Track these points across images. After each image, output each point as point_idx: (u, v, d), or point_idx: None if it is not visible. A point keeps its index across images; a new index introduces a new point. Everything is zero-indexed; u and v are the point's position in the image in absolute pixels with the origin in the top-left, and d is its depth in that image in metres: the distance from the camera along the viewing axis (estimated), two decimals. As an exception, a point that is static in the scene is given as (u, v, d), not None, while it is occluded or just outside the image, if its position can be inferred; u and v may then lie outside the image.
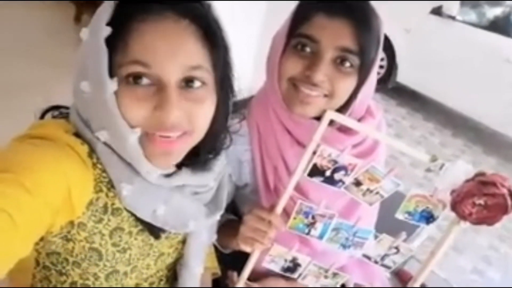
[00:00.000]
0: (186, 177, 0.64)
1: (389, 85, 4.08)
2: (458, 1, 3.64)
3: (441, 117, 4.05)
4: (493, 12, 3.84)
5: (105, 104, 0.53)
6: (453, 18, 3.66)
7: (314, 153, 0.72)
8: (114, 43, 0.53)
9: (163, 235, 0.68)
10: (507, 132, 3.55)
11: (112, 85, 0.52)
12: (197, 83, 0.57)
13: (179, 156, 0.61)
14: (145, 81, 0.54)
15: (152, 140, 0.56)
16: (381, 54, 0.82)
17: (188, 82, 0.57)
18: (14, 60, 2.78)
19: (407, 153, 0.72)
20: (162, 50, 0.53)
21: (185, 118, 0.57)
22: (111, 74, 0.53)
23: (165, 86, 0.54)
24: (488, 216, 0.68)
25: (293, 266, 0.87)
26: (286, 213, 0.80)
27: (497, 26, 3.67)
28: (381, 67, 4.01)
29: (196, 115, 0.58)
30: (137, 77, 0.54)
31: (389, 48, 3.86)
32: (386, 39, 3.89)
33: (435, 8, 3.73)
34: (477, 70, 3.53)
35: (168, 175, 0.62)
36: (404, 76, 3.98)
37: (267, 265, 0.87)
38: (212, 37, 0.58)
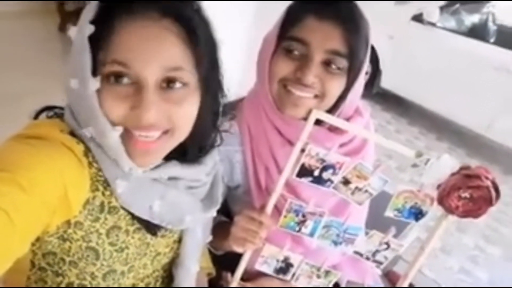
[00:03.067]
0: (175, 169, 0.64)
1: (373, 91, 4.14)
2: (438, 9, 3.73)
3: (425, 122, 4.11)
4: (471, 19, 3.95)
5: (88, 101, 0.54)
6: (433, 24, 3.75)
7: (304, 151, 0.74)
8: (98, 41, 0.53)
9: (159, 234, 0.69)
10: (489, 135, 3.63)
11: (94, 83, 0.53)
12: (177, 84, 0.57)
13: (159, 156, 0.61)
14: (125, 80, 0.54)
15: (132, 140, 0.57)
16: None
17: (168, 82, 0.57)
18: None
19: (393, 149, 0.74)
20: (141, 50, 0.53)
21: (164, 118, 0.57)
22: (95, 72, 0.53)
23: (143, 86, 0.54)
24: (473, 208, 0.70)
25: (286, 266, 0.88)
26: (279, 212, 0.81)
27: (475, 32, 3.77)
28: (365, 73, 4.05)
29: (175, 115, 0.58)
30: (117, 76, 0.54)
31: (372, 54, 3.91)
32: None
33: (416, 15, 3.81)
34: (458, 75, 3.60)
35: (154, 167, 0.62)
36: (388, 81, 4.05)
37: (260, 267, 0.87)
38: (195, 37, 0.57)
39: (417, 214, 0.79)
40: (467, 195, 0.69)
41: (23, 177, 0.48)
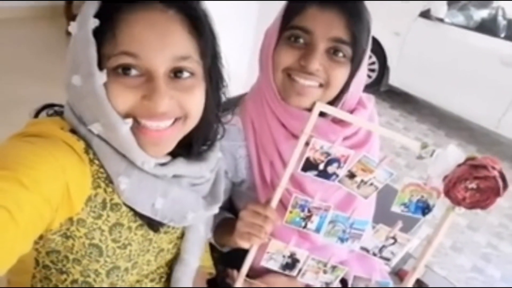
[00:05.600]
0: (182, 166, 0.65)
1: (381, 88, 4.11)
2: (446, 4, 3.69)
3: (434, 119, 4.08)
4: (480, 14, 3.89)
5: (95, 96, 0.53)
6: (441, 20, 3.71)
7: (308, 144, 0.73)
8: (102, 35, 0.53)
9: (162, 230, 0.69)
10: (499, 131, 3.58)
11: (101, 76, 0.53)
12: (185, 73, 0.58)
13: (170, 145, 0.61)
14: (134, 71, 0.55)
15: (144, 131, 0.57)
16: (371, 55, 0.83)
17: (176, 72, 0.57)
18: (6, 75, 2.78)
19: (398, 142, 0.73)
20: (150, 40, 0.54)
21: (176, 106, 0.58)
22: (101, 66, 0.53)
23: (154, 76, 0.55)
24: (481, 199, 0.68)
25: (292, 262, 0.87)
26: (284, 206, 0.81)
27: (484, 27, 3.73)
28: (373, 70, 4.04)
29: (186, 103, 0.59)
30: (126, 68, 0.54)
31: (380, 51, 3.90)
32: (377, 42, 3.93)
33: (423, 11, 3.78)
34: (466, 70, 3.57)
35: (163, 164, 0.62)
36: (396, 78, 4.02)
37: (266, 263, 0.87)
38: (200, 26, 0.58)
39: (424, 208, 0.78)
40: (474, 186, 0.68)
41: (25, 175, 0.48)
